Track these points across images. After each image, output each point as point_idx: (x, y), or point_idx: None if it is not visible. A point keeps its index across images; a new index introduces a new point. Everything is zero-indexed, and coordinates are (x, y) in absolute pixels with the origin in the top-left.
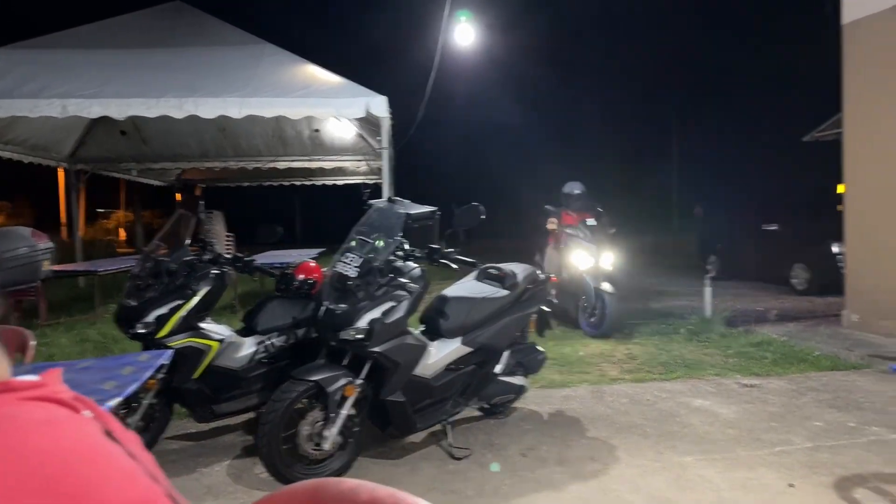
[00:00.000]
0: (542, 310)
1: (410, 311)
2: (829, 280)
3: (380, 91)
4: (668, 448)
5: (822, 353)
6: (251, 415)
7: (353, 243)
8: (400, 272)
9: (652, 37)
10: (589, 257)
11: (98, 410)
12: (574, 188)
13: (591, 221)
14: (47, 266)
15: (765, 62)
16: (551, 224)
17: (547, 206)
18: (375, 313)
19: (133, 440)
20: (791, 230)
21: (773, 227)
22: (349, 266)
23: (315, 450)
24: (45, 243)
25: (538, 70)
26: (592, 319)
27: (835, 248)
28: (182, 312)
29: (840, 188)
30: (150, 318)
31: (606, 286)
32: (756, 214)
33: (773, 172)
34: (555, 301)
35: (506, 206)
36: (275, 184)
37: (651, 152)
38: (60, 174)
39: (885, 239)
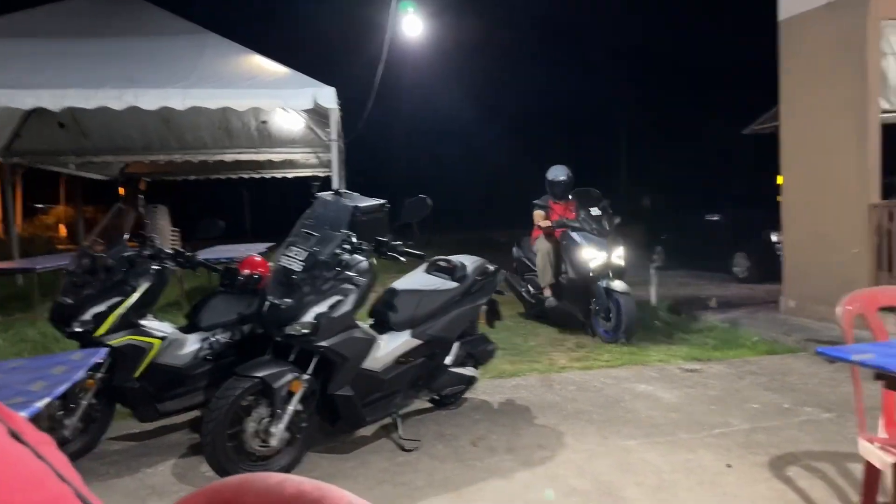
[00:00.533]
0: (492, 301)
1: (358, 305)
2: (769, 268)
3: (329, 82)
4: (613, 433)
5: (761, 338)
6: (197, 413)
7: (298, 237)
8: (347, 265)
9: (595, 29)
10: (598, 252)
11: (4, 412)
12: (559, 174)
13: (595, 211)
14: None
15: (707, 55)
16: (540, 219)
17: (535, 202)
18: (322, 307)
19: (44, 441)
20: (732, 220)
21: (716, 218)
22: (294, 260)
23: (262, 446)
24: None
25: (489, 60)
26: (609, 324)
27: (773, 237)
28: (121, 310)
29: (780, 179)
30: (88, 315)
31: (619, 285)
32: (699, 205)
33: (716, 164)
34: (503, 293)
35: (464, 198)
36: (222, 177)
37: (598, 144)
38: None
39: (819, 227)
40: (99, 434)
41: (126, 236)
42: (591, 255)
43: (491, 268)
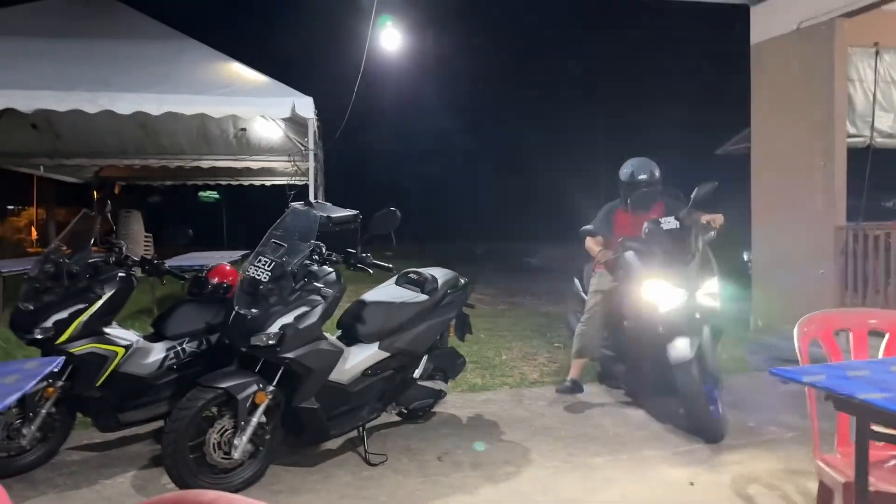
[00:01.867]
0: (463, 314)
1: (325, 317)
2: (740, 287)
3: (307, 92)
4: (579, 449)
5: (729, 356)
6: (160, 423)
7: (267, 247)
8: (315, 276)
9: (571, 47)
10: (675, 289)
11: None
12: (638, 171)
13: (669, 223)
14: None
15: (682, 76)
16: (595, 249)
17: (584, 228)
18: (288, 318)
19: None
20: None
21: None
22: (261, 270)
23: (224, 458)
24: None
25: (466, 70)
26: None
27: (745, 256)
28: (84, 317)
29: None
30: (49, 322)
31: (706, 343)
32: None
33: (687, 183)
34: (474, 307)
35: (444, 209)
36: (199, 183)
37: (574, 159)
38: None
39: (787, 248)
40: (58, 444)
41: (92, 242)
42: (661, 293)
43: (462, 281)
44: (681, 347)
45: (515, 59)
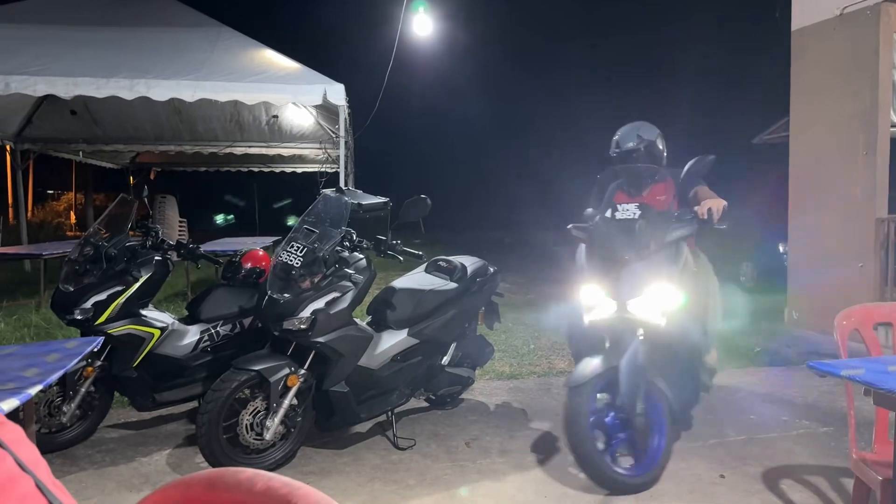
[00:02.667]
0: (492, 302)
1: (355, 302)
2: (776, 278)
3: (338, 79)
4: None
5: (763, 348)
6: (195, 403)
7: (299, 233)
8: (345, 262)
9: (610, 36)
10: (604, 297)
11: None
12: (624, 139)
13: (626, 210)
14: None
15: (720, 62)
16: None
17: (584, 216)
18: (319, 303)
19: (11, 429)
20: (740, 229)
21: (723, 227)
22: (293, 255)
23: (256, 439)
24: None
25: (498, 59)
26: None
27: (781, 248)
28: (121, 299)
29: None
30: (88, 304)
31: (629, 369)
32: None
33: (725, 172)
34: (503, 295)
35: (473, 197)
36: (232, 169)
37: (607, 148)
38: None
39: (825, 240)
40: (97, 422)
41: (129, 226)
42: (590, 301)
43: (491, 269)
44: (579, 368)
45: (549, 47)
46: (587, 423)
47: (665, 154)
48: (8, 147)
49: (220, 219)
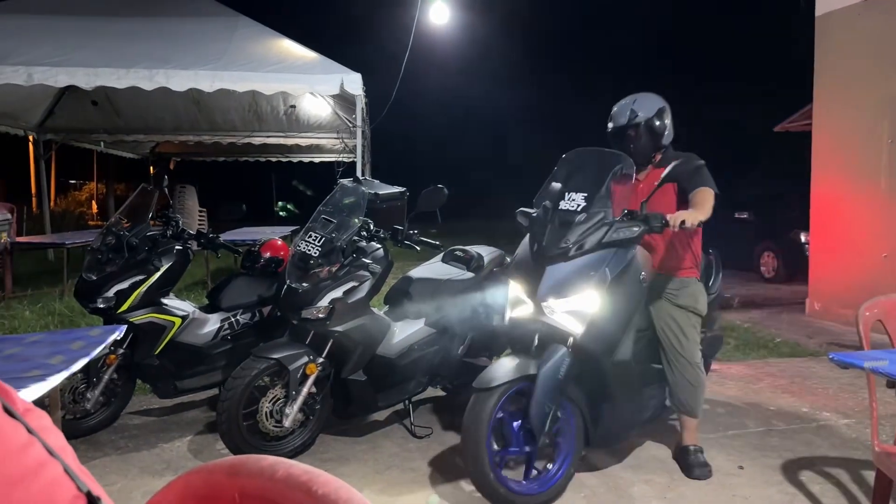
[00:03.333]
0: None
1: (373, 292)
2: (797, 268)
3: (355, 68)
4: None
5: (783, 339)
6: (215, 391)
7: (317, 222)
8: (363, 252)
9: (630, 22)
10: (522, 297)
11: (1, 388)
12: (618, 115)
13: (572, 200)
14: (4, 238)
15: (740, 49)
16: None
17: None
18: (337, 293)
19: (38, 416)
20: (761, 218)
21: (744, 216)
22: (311, 245)
23: (276, 427)
24: (1, 215)
25: (517, 47)
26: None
27: (802, 237)
28: (143, 288)
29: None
30: (110, 292)
31: (546, 379)
32: (728, 202)
33: (746, 160)
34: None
35: (491, 186)
36: (251, 159)
37: None
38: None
39: (847, 229)
40: (120, 408)
41: (150, 216)
42: (514, 292)
43: (508, 259)
44: (491, 369)
45: (567, 36)
46: (485, 432)
47: (668, 132)
48: (31, 137)
49: (281, 209)
